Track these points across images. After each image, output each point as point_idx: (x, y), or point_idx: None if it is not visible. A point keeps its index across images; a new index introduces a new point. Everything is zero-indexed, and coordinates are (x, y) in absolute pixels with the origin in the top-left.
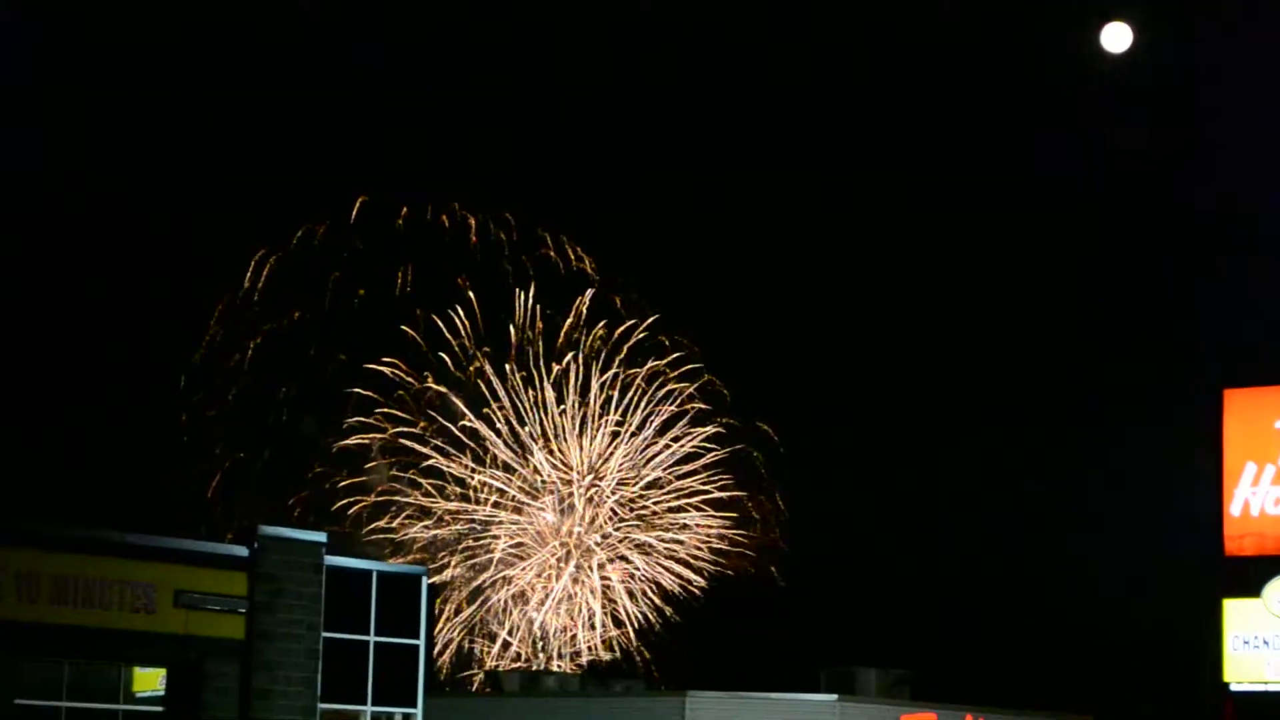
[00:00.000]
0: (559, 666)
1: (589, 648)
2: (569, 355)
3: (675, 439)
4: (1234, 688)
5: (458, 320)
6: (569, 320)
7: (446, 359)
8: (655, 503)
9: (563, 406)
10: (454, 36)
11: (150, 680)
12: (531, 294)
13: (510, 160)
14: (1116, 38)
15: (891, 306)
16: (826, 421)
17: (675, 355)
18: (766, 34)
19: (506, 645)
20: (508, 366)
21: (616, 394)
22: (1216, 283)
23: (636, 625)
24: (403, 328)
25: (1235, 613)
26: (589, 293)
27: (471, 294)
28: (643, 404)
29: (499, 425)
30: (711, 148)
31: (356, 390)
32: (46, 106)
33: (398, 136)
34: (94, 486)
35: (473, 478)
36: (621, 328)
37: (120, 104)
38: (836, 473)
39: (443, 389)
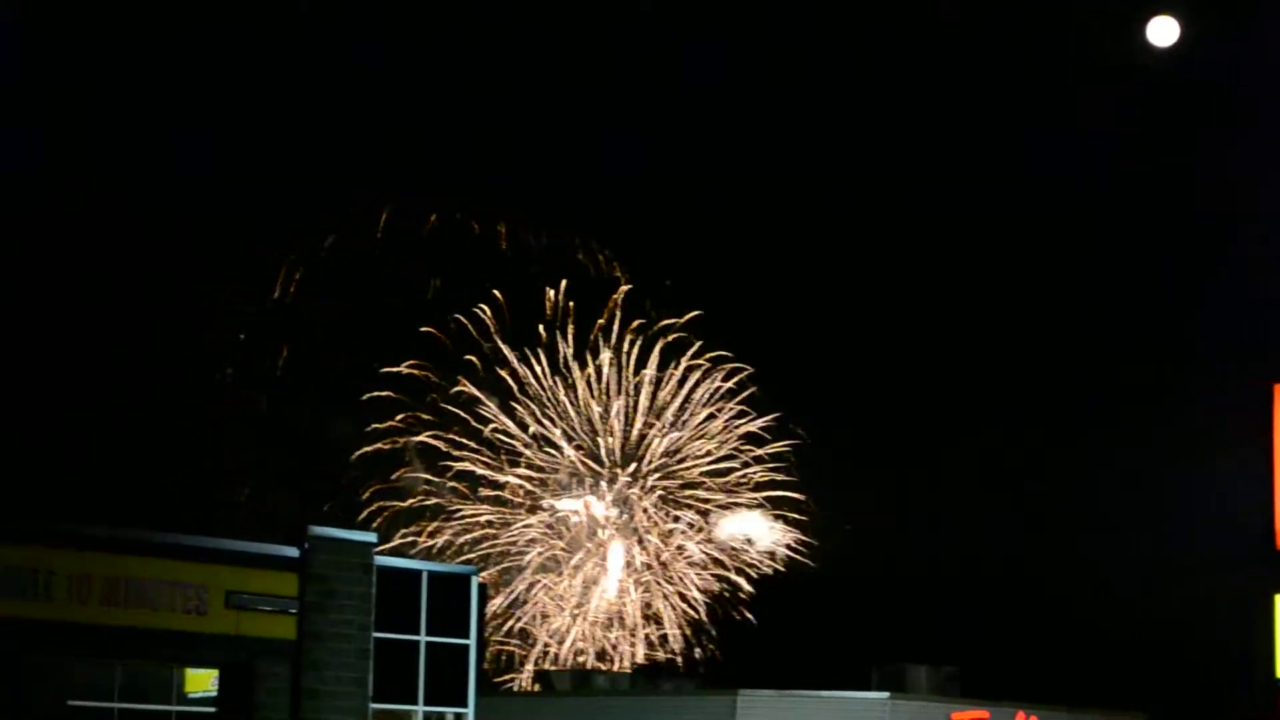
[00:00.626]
0: (602, 666)
1: (631, 648)
2: (604, 353)
3: (711, 437)
4: None
5: (487, 320)
6: (600, 320)
7: (476, 361)
8: (688, 500)
9: (599, 410)
10: (454, 36)
11: (202, 681)
12: (562, 291)
13: (510, 160)
14: (1163, 31)
15: (891, 306)
16: (826, 421)
17: (711, 354)
18: (766, 34)
19: (546, 650)
20: (538, 368)
21: (647, 393)
22: (1227, 282)
23: (682, 625)
24: (431, 331)
25: None
26: (622, 289)
27: (499, 294)
28: (676, 403)
29: (533, 427)
30: (711, 148)
31: (389, 394)
32: (46, 106)
33: (398, 136)
34: (126, 491)
35: (506, 479)
36: (657, 326)
37: (120, 104)
38: (852, 473)
39: (474, 390)
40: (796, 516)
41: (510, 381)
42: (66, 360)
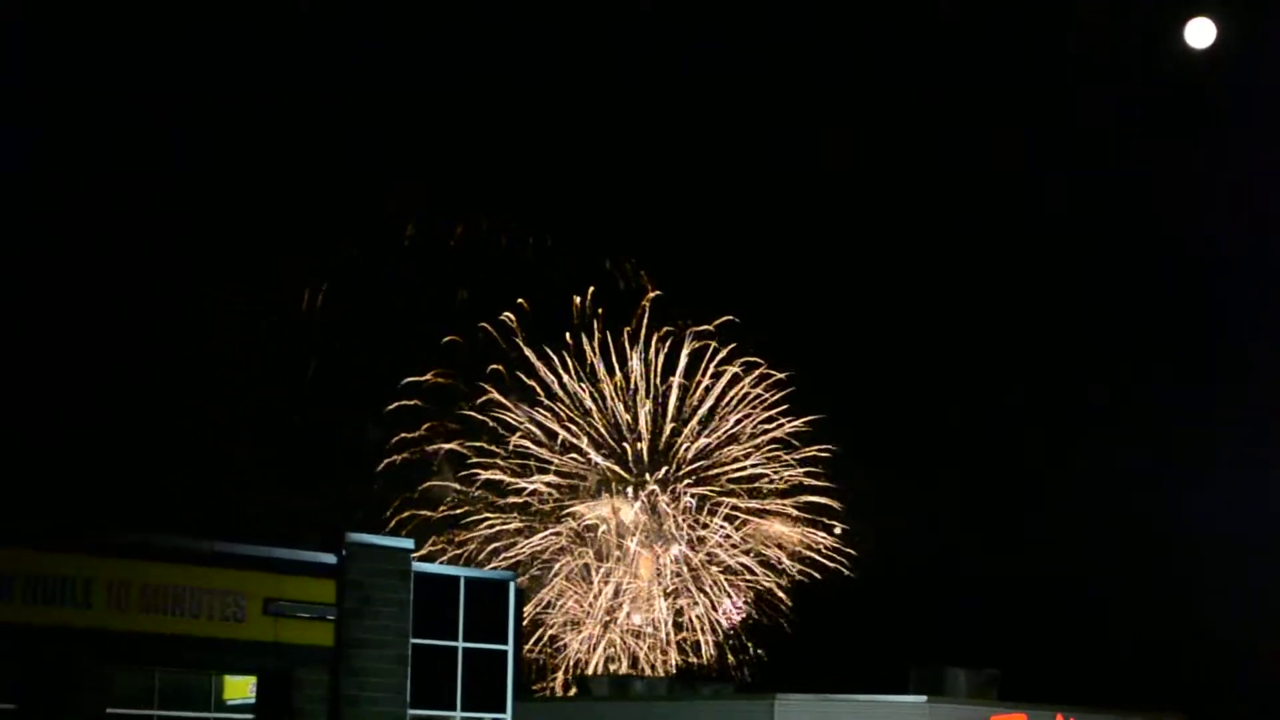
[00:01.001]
0: (634, 673)
1: (663, 655)
2: (632, 359)
3: (740, 441)
4: None
5: (513, 327)
6: (628, 327)
7: (502, 369)
8: (718, 503)
9: (627, 416)
10: (454, 36)
11: (241, 688)
12: (589, 297)
13: (510, 160)
14: (1200, 33)
15: (892, 306)
16: (853, 425)
17: (741, 360)
18: (766, 34)
19: (577, 657)
20: (565, 376)
21: (676, 399)
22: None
23: (715, 630)
24: (456, 339)
25: None
26: (650, 295)
27: (524, 303)
28: (704, 408)
29: (561, 435)
30: (711, 147)
31: (415, 403)
32: (46, 106)
33: (398, 136)
34: (150, 499)
35: (534, 486)
36: (685, 332)
37: (120, 104)
38: (885, 476)
39: (500, 397)
40: (828, 521)
41: (537, 389)
42: (72, 364)
